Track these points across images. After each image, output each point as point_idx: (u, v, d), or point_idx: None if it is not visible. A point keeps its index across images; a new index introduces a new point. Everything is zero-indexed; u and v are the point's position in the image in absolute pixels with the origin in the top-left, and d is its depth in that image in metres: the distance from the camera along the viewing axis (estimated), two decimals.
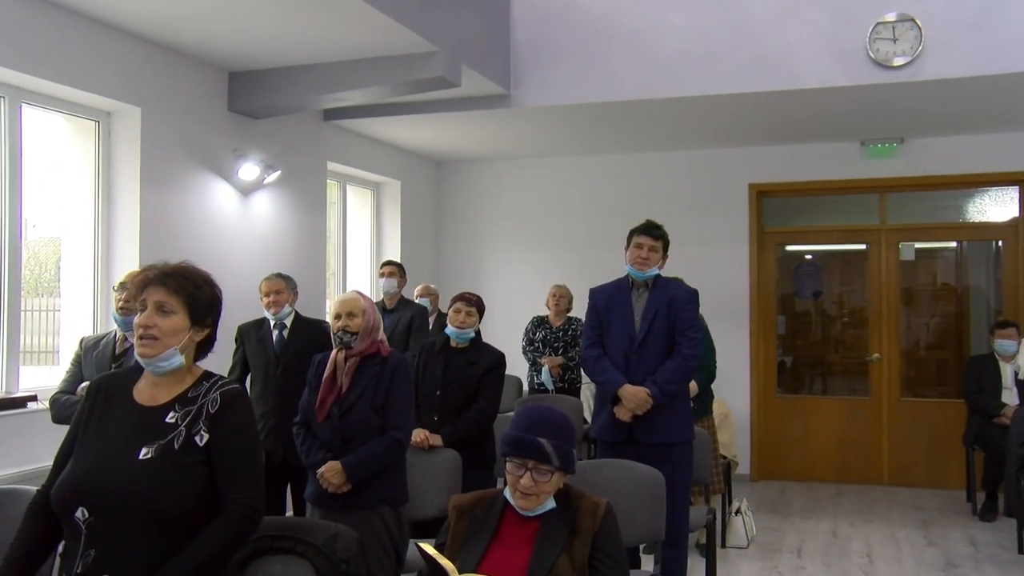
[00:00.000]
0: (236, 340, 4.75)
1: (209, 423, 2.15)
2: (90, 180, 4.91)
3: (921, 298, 7.77)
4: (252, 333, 4.71)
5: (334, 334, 3.51)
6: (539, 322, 6.61)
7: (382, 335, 3.60)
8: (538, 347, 6.50)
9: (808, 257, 8.16)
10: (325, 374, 3.51)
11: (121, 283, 3.94)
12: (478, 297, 4.49)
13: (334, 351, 3.54)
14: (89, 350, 4.00)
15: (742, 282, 7.65)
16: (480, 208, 8.53)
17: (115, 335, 3.99)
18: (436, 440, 4.11)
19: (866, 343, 7.62)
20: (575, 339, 6.40)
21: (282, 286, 4.70)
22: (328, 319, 3.75)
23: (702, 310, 4.34)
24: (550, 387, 6.30)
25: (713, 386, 5.59)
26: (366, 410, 3.42)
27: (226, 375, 4.29)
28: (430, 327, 6.16)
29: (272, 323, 4.68)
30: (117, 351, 3.92)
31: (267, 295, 4.67)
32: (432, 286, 6.86)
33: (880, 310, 7.54)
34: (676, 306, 4.05)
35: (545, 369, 6.32)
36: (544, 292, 6.71)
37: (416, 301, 6.31)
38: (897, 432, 7.47)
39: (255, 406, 4.50)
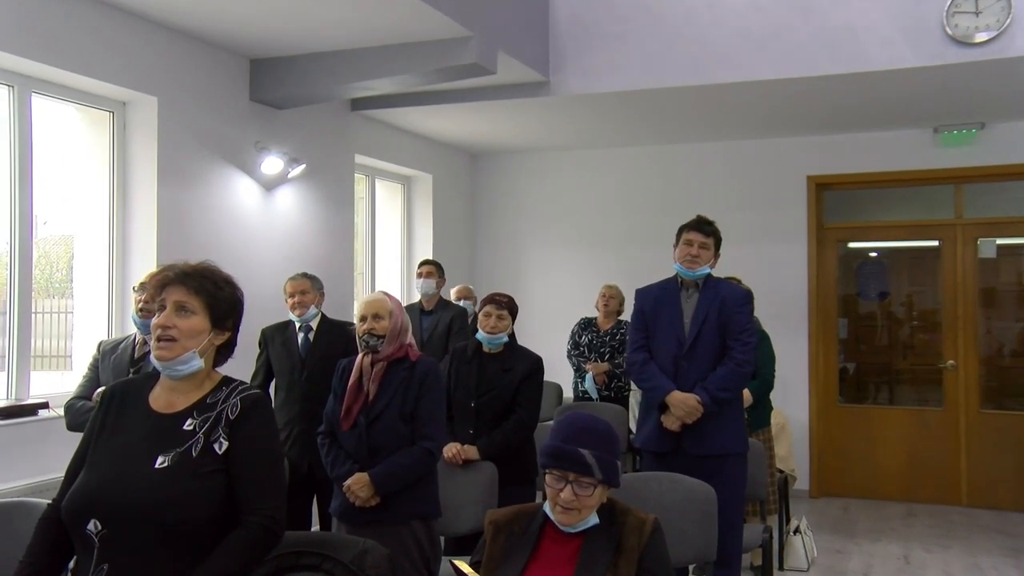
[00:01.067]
0: (259, 344, 4.78)
1: (229, 430, 2.16)
2: (104, 175, 4.97)
3: (1004, 300, 7.58)
4: (276, 336, 4.74)
5: (359, 337, 3.51)
6: (586, 324, 6.58)
7: (410, 338, 3.60)
8: (583, 351, 6.48)
9: (873, 255, 8.05)
10: (350, 380, 3.52)
11: (141, 284, 3.98)
12: (509, 298, 4.46)
13: (359, 356, 3.55)
14: (107, 354, 4.04)
15: (800, 283, 7.57)
16: (517, 203, 8.52)
17: (134, 338, 4.02)
18: (471, 452, 4.09)
19: (939, 349, 7.48)
20: (623, 344, 6.36)
21: (308, 286, 4.73)
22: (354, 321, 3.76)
23: (757, 313, 4.30)
24: (594, 395, 6.26)
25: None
26: (394, 418, 3.42)
27: (248, 381, 4.33)
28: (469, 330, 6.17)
29: (297, 326, 4.71)
30: (136, 355, 3.95)
31: (292, 295, 4.70)
32: (471, 287, 6.86)
33: (955, 313, 7.39)
34: (728, 308, 4.01)
35: (589, 376, 6.28)
36: (585, 292, 6.70)
37: (458, 304, 6.33)
38: (977, 448, 7.29)
39: (279, 413, 4.55)
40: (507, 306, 4.38)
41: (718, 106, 6.53)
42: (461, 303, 6.42)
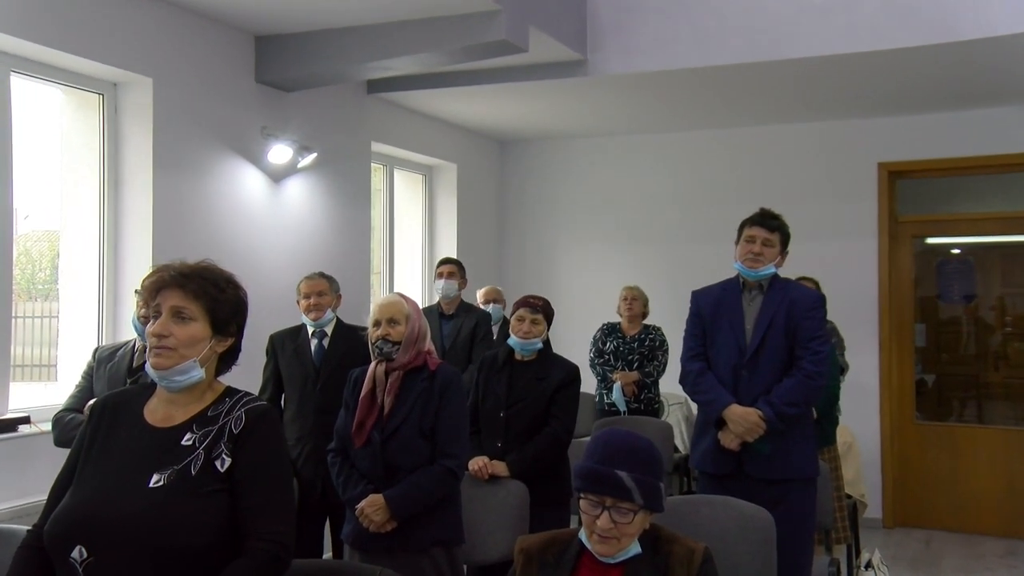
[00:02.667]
0: (268, 352, 4.80)
1: (232, 446, 2.17)
2: (93, 164, 4.99)
3: None
4: (287, 343, 4.76)
5: (372, 344, 3.53)
6: (609, 330, 6.56)
7: (429, 344, 3.62)
8: (608, 360, 6.47)
9: (956, 252, 7.96)
10: (363, 392, 3.54)
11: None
12: (545, 301, 4.47)
13: (373, 364, 3.57)
14: (103, 362, 4.05)
15: (869, 284, 7.50)
16: (551, 195, 8.53)
17: (134, 346, 4.04)
18: (498, 468, 4.09)
19: None
20: (653, 351, 6.35)
21: (325, 287, 4.75)
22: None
23: None
24: (622, 407, 6.26)
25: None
26: (412, 434, 3.44)
27: (256, 393, 4.35)
28: (495, 336, 6.17)
29: (311, 331, 4.73)
30: (135, 364, 3.96)
31: (307, 297, 4.71)
32: (500, 290, 6.84)
33: None
34: (797, 312, 3.97)
35: (617, 386, 6.27)
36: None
37: (483, 308, 6.33)
38: None
39: (290, 428, 4.57)
40: (542, 310, 4.41)
41: (776, 86, 6.49)
42: (489, 307, 6.42)
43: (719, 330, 4.08)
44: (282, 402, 4.75)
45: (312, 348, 4.71)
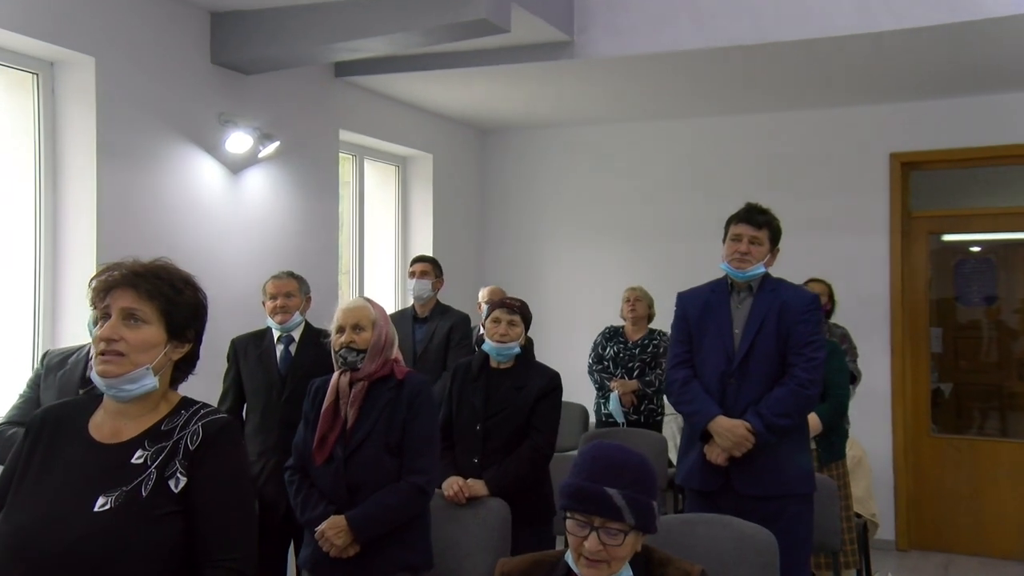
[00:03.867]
0: (229, 358, 4.79)
1: (188, 463, 2.15)
2: (28, 152, 4.94)
3: None
4: (250, 349, 4.75)
5: (336, 352, 3.55)
6: (611, 334, 6.59)
7: (396, 353, 3.63)
8: (608, 366, 6.49)
9: (976, 250, 7.99)
10: (325, 404, 3.54)
11: None
12: (522, 303, 4.49)
13: (336, 374, 3.58)
14: (53, 369, 4.03)
15: (880, 284, 7.53)
16: (536, 189, 8.55)
17: (88, 352, 4.02)
18: (476, 488, 4.08)
19: None
20: (657, 357, 6.36)
21: (294, 287, 4.75)
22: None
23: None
24: (620, 419, 6.29)
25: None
26: (378, 449, 3.47)
27: (216, 403, 4.30)
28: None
29: (276, 336, 4.73)
30: (88, 373, 3.94)
31: (274, 298, 4.71)
32: (504, 291, 6.73)
33: None
34: (790, 315, 3.99)
35: (614, 396, 6.30)
36: (616, 295, 6.68)
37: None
38: None
39: (251, 442, 4.57)
40: (520, 311, 4.41)
41: (780, 70, 6.51)
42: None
43: (706, 335, 4.10)
44: (243, 413, 4.73)
45: (278, 354, 4.70)
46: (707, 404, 3.99)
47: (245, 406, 4.75)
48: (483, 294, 6.68)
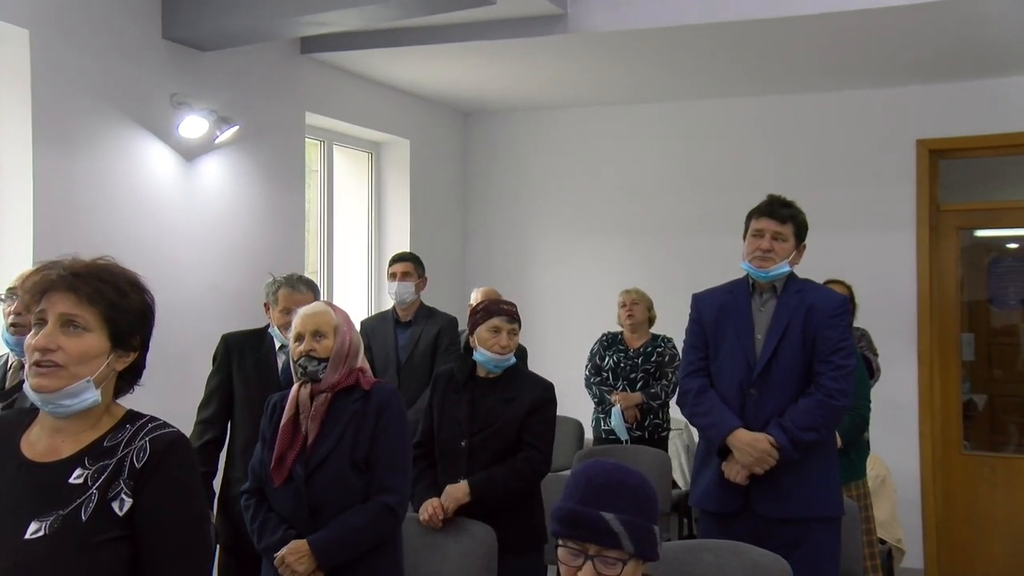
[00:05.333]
0: (217, 357, 4.66)
1: (134, 483, 2.13)
2: None
3: None
4: (247, 351, 4.64)
5: (295, 363, 3.55)
6: (609, 342, 6.58)
7: (362, 361, 3.62)
8: (607, 378, 6.48)
9: (1012, 247, 8.04)
10: (284, 419, 3.54)
11: (10, 289, 3.98)
12: (514, 306, 4.49)
13: (296, 387, 3.57)
14: None
15: (907, 284, 7.55)
16: (525, 177, 8.57)
17: (6, 362, 4.03)
18: (456, 493, 4.04)
19: None
20: (661, 367, 6.36)
21: (311, 301, 4.69)
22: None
23: None
24: (623, 436, 6.28)
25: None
26: (342, 467, 3.45)
27: (197, 408, 4.27)
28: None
29: (278, 345, 4.62)
30: (8, 384, 3.95)
31: (286, 312, 4.46)
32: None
33: None
34: (817, 319, 4.01)
35: (616, 410, 6.29)
36: (614, 296, 6.67)
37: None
38: None
39: (238, 461, 4.47)
40: (517, 318, 4.40)
41: (796, 48, 6.53)
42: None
43: (724, 340, 4.11)
44: (229, 424, 4.62)
45: (280, 366, 4.63)
46: (725, 416, 4.00)
47: (232, 418, 4.61)
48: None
